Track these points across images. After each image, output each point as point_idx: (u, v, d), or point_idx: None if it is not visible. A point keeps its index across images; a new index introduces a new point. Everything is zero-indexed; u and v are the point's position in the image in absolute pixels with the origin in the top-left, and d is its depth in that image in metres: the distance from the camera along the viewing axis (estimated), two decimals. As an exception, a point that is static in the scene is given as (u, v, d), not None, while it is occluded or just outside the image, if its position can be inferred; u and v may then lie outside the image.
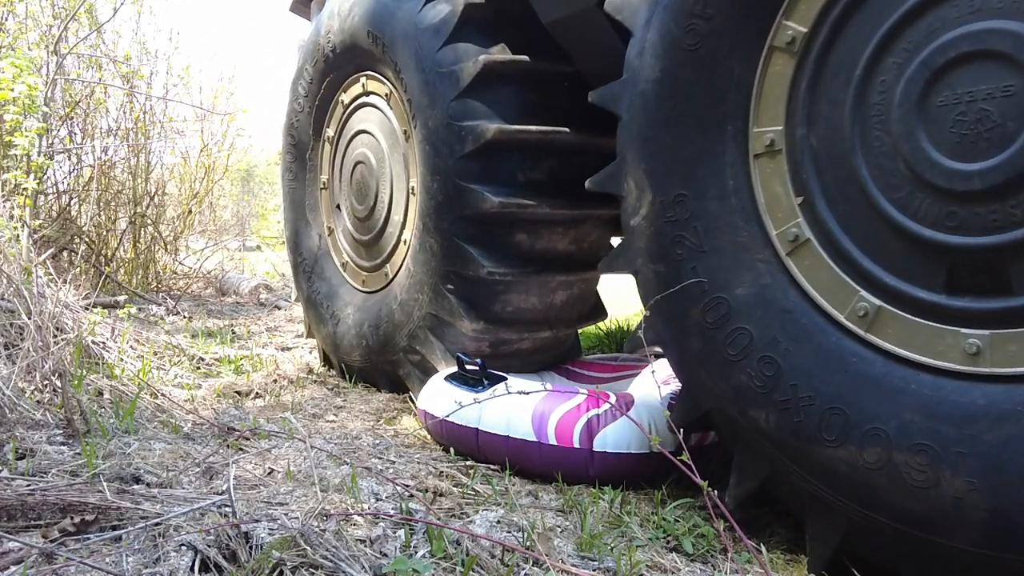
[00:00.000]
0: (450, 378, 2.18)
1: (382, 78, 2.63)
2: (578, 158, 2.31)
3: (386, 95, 2.62)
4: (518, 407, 1.89)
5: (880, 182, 1.33)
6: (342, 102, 2.91)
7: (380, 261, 2.76)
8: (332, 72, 2.85)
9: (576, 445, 1.82)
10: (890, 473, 1.24)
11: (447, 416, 1.98)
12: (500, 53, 2.24)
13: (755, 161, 1.49)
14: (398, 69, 2.41)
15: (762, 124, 1.48)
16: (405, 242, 2.58)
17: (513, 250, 2.27)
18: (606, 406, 1.88)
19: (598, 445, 1.81)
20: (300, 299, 3.27)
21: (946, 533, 1.19)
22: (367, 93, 2.76)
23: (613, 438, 1.81)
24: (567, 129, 2.23)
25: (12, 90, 3.13)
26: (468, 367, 2.14)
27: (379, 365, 2.71)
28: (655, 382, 1.85)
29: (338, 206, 3.04)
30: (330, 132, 3.01)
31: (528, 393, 1.87)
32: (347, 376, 2.95)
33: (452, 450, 2.04)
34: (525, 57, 2.22)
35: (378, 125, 2.73)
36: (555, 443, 1.84)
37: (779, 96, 1.45)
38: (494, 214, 2.16)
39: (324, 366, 3.22)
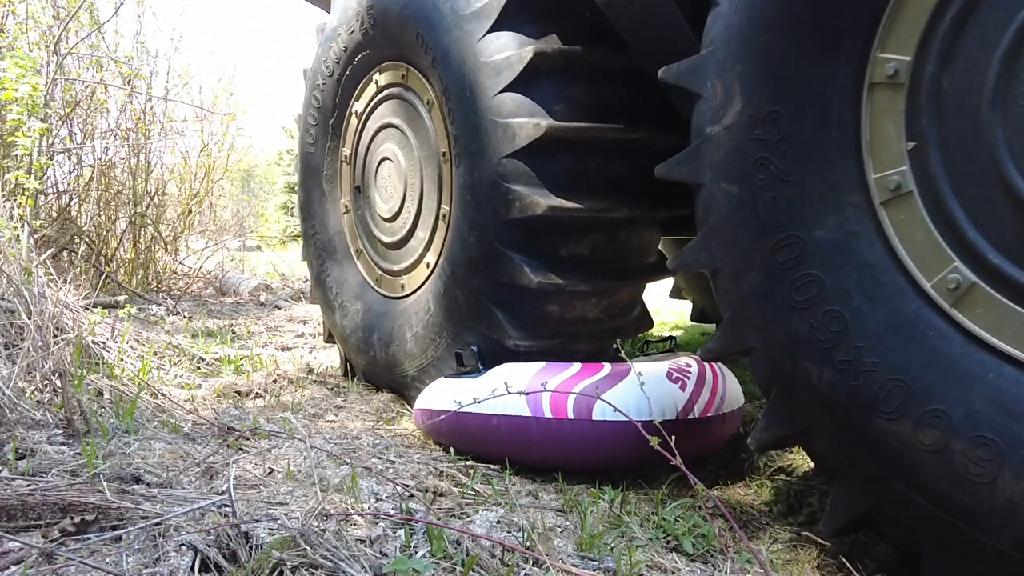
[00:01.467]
0: (447, 375, 2.18)
1: (426, 83, 2.39)
2: (624, 230, 2.17)
3: (428, 102, 2.40)
4: (512, 386, 1.83)
5: (1016, 147, 1.16)
6: (376, 82, 2.66)
7: (398, 270, 2.64)
8: (369, 48, 2.59)
9: (571, 416, 1.78)
10: (944, 459, 1.17)
11: (446, 416, 1.97)
12: (564, 114, 2.02)
13: (870, 91, 1.29)
14: (447, 92, 2.18)
15: (888, 50, 1.27)
16: (428, 265, 2.45)
17: (543, 319, 2.13)
18: (602, 373, 1.82)
19: (597, 414, 1.76)
20: (308, 271, 3.12)
21: (987, 531, 1.15)
22: (406, 87, 2.52)
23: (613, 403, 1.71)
24: (619, 208, 2.07)
25: (16, 90, 3.14)
26: (466, 360, 2.13)
27: (383, 377, 2.69)
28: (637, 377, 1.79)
29: (358, 188, 2.86)
30: (358, 107, 2.77)
31: (528, 394, 1.85)
32: (349, 365, 2.94)
33: (452, 450, 2.04)
34: (589, 125, 2.02)
35: (413, 128, 2.51)
36: (550, 415, 1.79)
37: (916, 20, 1.24)
38: (531, 289, 2.04)
39: (327, 343, 3.20)
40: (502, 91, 2.01)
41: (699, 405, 1.85)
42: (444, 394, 2.05)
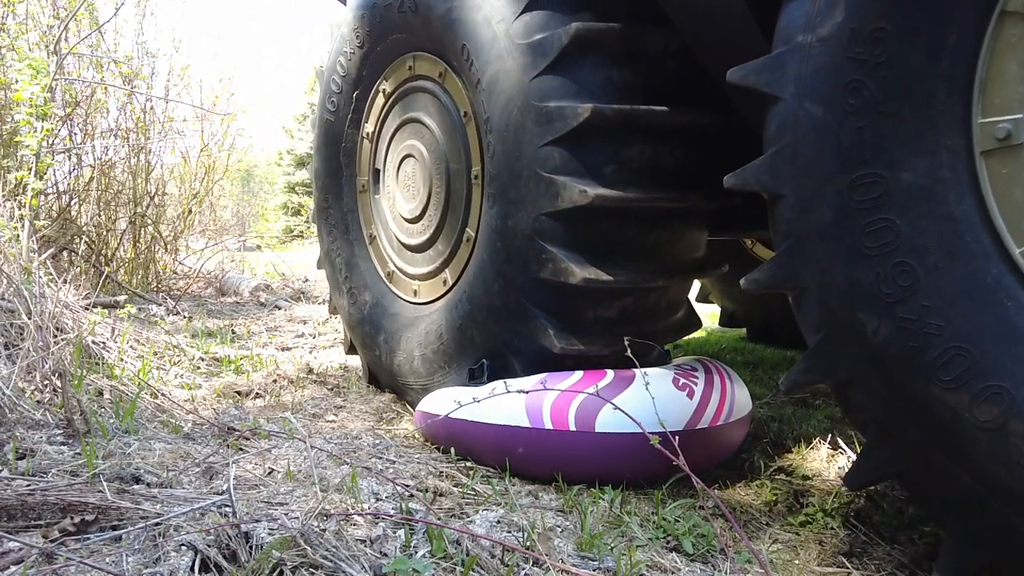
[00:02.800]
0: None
1: (466, 96, 2.21)
2: (656, 294, 2.07)
3: (465, 114, 2.22)
4: (512, 395, 1.80)
5: None
6: (410, 67, 2.46)
7: (413, 273, 2.54)
8: (406, 32, 2.37)
9: (573, 428, 1.71)
10: (998, 438, 1.11)
11: (443, 416, 1.96)
12: (613, 176, 1.85)
13: (999, 19, 1.12)
14: (488, 122, 2.01)
15: None
16: (445, 283, 2.37)
17: (560, 370, 1.98)
18: (605, 381, 1.75)
19: (601, 426, 1.69)
20: (319, 242, 2.99)
21: None
22: (443, 87, 2.33)
23: (617, 415, 1.63)
24: (655, 278, 1.95)
25: (26, 91, 3.14)
26: (476, 376, 2.11)
27: (385, 378, 2.67)
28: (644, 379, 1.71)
29: (377, 171, 2.70)
30: (387, 87, 2.58)
31: (528, 392, 1.84)
32: (353, 347, 2.90)
33: (452, 450, 2.04)
34: (638, 195, 1.86)
35: (445, 134, 2.34)
36: (551, 427, 1.73)
37: None
38: (552, 352, 1.94)
39: (332, 314, 3.14)
40: (551, 143, 1.83)
41: (708, 413, 1.78)
42: (446, 400, 2.04)
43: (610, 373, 1.84)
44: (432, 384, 2.31)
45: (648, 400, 1.62)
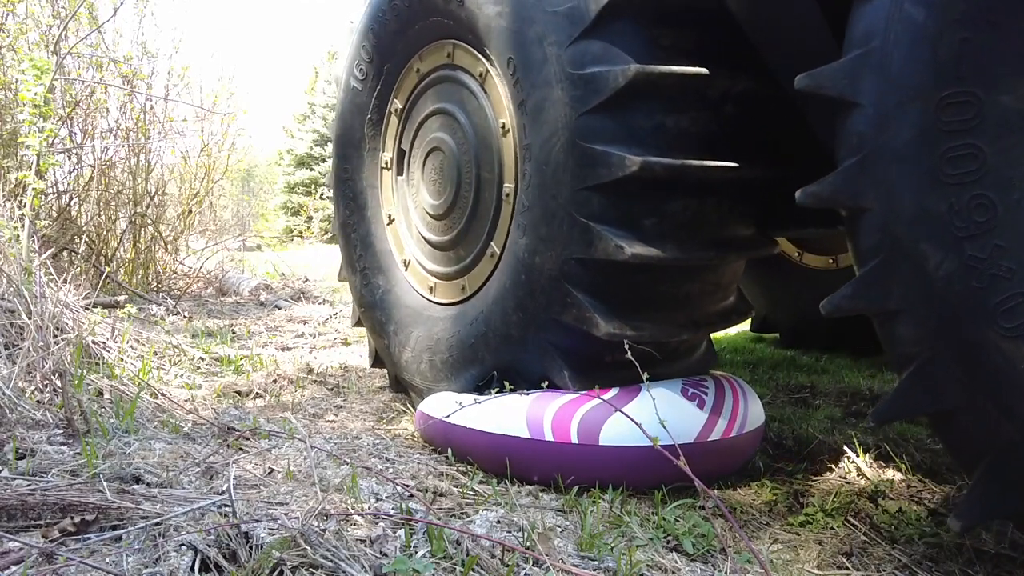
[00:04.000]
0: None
1: (506, 108, 2.07)
2: (675, 342, 2.00)
3: (503, 126, 2.08)
4: (512, 402, 1.79)
5: None
6: (448, 54, 2.32)
7: (431, 270, 2.47)
8: (447, 19, 2.22)
9: (575, 440, 1.68)
10: None
11: (442, 418, 1.96)
12: (652, 230, 1.77)
13: None
14: (528, 149, 1.88)
15: None
16: (463, 289, 2.29)
17: None
18: (610, 393, 1.72)
19: (605, 438, 1.66)
20: (334, 214, 2.87)
21: None
22: (483, 87, 2.18)
23: (623, 427, 1.60)
24: (679, 332, 1.91)
25: (30, 91, 3.14)
26: (484, 390, 2.11)
27: (392, 369, 2.64)
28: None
29: (403, 151, 2.59)
30: (422, 67, 2.44)
31: (528, 393, 1.85)
32: (360, 322, 2.83)
33: (452, 451, 2.04)
34: (675, 256, 1.76)
35: (481, 139, 2.19)
36: (552, 439, 1.70)
37: None
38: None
39: (340, 280, 3.09)
40: (592, 188, 1.72)
41: (720, 425, 1.74)
42: (449, 404, 2.03)
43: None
44: (436, 388, 2.29)
45: (652, 409, 1.57)
